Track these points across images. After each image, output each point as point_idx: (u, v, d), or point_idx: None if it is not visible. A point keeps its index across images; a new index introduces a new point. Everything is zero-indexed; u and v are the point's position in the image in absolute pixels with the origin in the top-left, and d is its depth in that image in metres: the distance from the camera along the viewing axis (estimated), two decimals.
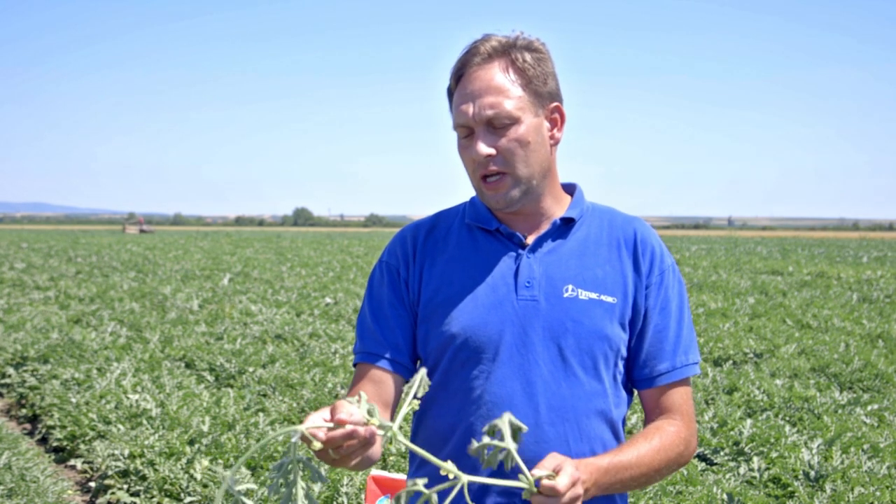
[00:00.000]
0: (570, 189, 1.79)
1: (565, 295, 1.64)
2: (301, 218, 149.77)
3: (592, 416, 1.65)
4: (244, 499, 1.20)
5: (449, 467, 1.26)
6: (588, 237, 1.72)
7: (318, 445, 1.27)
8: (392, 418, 1.66)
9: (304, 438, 1.28)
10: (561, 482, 1.38)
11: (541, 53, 1.67)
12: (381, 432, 1.30)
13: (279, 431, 1.24)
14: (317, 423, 1.31)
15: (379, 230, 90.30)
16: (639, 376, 1.72)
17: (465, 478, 1.25)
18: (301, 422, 1.25)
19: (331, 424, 1.30)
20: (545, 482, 1.37)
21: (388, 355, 1.69)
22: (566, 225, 1.72)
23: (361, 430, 1.29)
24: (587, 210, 1.76)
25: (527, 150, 1.63)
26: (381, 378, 1.68)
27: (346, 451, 1.32)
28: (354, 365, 1.75)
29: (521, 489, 1.38)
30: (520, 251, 1.69)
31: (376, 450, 1.43)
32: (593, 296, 1.65)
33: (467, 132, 1.65)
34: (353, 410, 1.30)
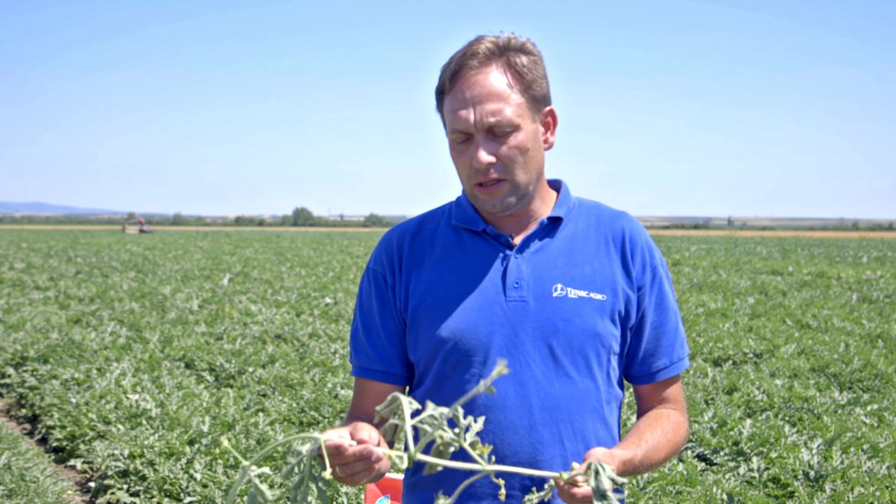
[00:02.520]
0: (555, 185, 1.78)
1: (554, 294, 1.64)
2: (301, 218, 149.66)
3: (586, 415, 1.65)
4: (262, 486, 1.25)
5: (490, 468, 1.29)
6: (575, 235, 1.71)
7: (327, 474, 1.30)
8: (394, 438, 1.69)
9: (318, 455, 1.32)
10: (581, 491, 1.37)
11: (534, 56, 1.65)
12: (397, 456, 1.32)
13: (301, 436, 1.29)
14: (335, 437, 1.35)
15: (379, 230, 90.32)
16: (637, 372, 1.74)
17: (490, 467, 1.29)
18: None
19: (350, 441, 1.36)
20: (564, 485, 1.37)
21: (381, 369, 1.72)
22: (553, 224, 1.71)
23: (375, 452, 1.34)
24: (574, 207, 1.75)
25: (526, 157, 1.62)
26: (378, 391, 1.72)
27: (351, 469, 1.36)
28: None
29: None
30: (507, 252, 1.68)
31: (384, 466, 1.46)
32: (582, 294, 1.64)
33: (465, 137, 1.62)
34: (373, 434, 1.39)
